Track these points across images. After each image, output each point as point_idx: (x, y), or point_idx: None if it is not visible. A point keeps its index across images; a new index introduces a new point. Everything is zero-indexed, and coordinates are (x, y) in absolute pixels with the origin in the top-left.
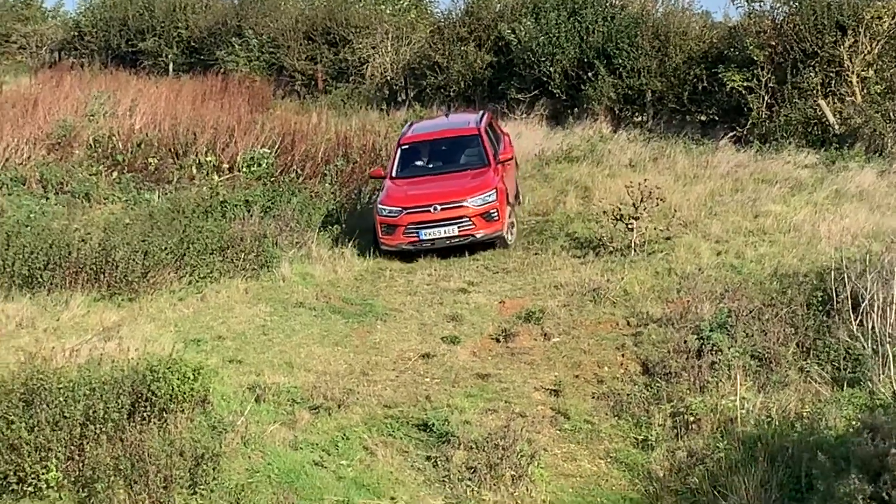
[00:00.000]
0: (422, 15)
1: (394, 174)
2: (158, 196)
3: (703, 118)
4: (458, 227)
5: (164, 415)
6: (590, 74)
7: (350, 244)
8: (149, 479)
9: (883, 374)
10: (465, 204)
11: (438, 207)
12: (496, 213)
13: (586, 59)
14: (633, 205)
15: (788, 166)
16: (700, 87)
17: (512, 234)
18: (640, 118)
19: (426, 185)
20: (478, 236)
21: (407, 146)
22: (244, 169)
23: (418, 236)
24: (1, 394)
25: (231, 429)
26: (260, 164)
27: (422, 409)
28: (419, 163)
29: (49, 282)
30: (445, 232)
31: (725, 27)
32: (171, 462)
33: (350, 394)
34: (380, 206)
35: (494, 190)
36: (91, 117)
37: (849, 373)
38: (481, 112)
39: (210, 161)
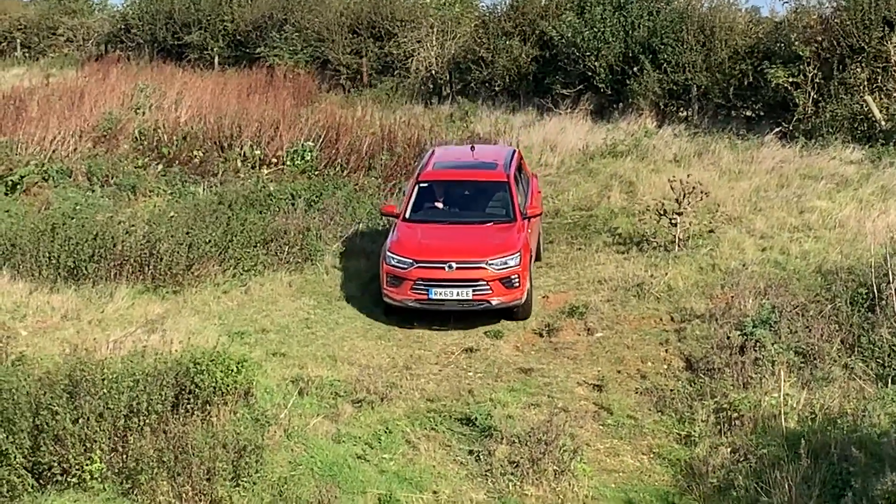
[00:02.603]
0: (467, 9)
1: (407, 215)
2: (203, 189)
3: (749, 113)
4: (474, 291)
5: (208, 407)
6: (635, 69)
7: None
8: (192, 471)
9: None
10: (484, 266)
11: (454, 265)
12: (517, 280)
13: (631, 54)
14: (677, 200)
15: (834, 162)
16: (745, 83)
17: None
18: (684, 113)
19: (442, 235)
20: (493, 303)
21: (426, 184)
22: (289, 162)
23: (427, 294)
24: (45, 385)
25: (274, 421)
26: (304, 158)
27: (465, 403)
28: (438, 205)
29: (94, 274)
30: (458, 294)
31: (771, 22)
32: (214, 454)
33: (393, 387)
34: (388, 253)
35: (518, 253)
36: (137, 110)
37: (894, 370)
38: (511, 150)
39: (255, 154)
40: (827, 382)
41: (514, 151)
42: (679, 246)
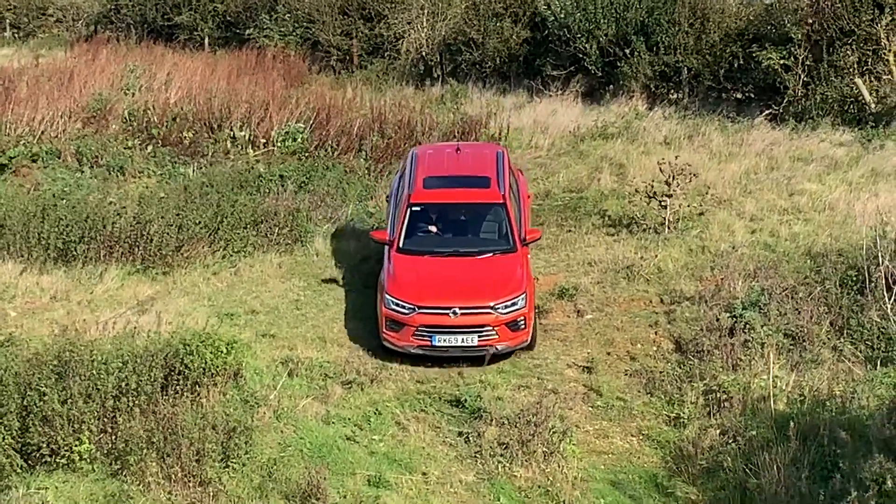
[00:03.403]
0: None
1: (401, 244)
2: (193, 170)
3: (739, 96)
4: (479, 337)
5: (197, 388)
6: (626, 51)
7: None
8: (181, 452)
9: None
10: (490, 311)
11: (458, 312)
12: (523, 323)
13: (623, 36)
14: (666, 182)
15: (824, 145)
16: (736, 65)
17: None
18: (675, 95)
19: (443, 272)
20: (499, 348)
21: (418, 207)
22: (279, 143)
23: (431, 341)
24: (34, 366)
25: (263, 403)
26: (294, 139)
27: (454, 385)
28: (432, 230)
29: (84, 255)
30: (463, 341)
31: (762, 5)
32: (203, 435)
33: (383, 369)
34: (387, 296)
35: (524, 294)
36: (126, 91)
37: (882, 352)
38: (499, 153)
39: (245, 135)
40: (816, 365)
41: (502, 154)
42: (669, 228)
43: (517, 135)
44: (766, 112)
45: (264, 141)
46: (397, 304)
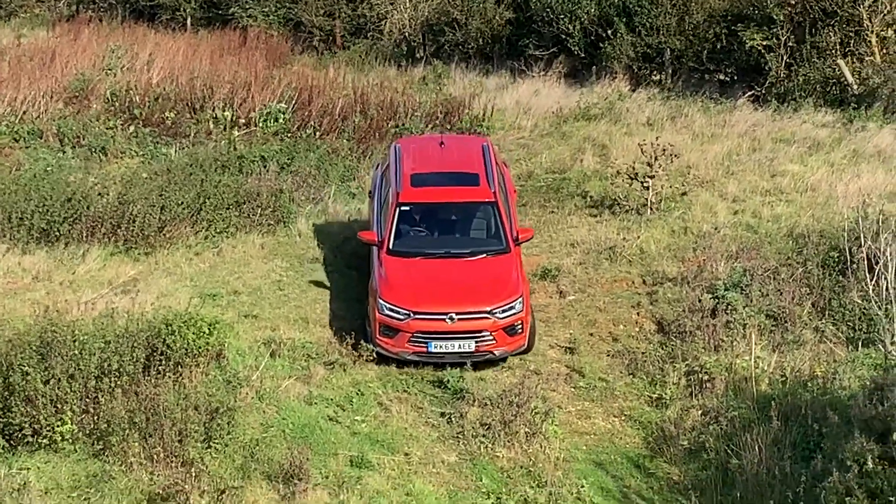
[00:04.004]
0: None
1: (391, 246)
2: (175, 150)
3: (722, 77)
4: (476, 343)
5: (179, 369)
6: (609, 32)
7: (367, 202)
8: (163, 432)
9: None
10: (487, 315)
11: (455, 317)
12: (520, 327)
13: (606, 17)
14: (648, 163)
15: (806, 126)
16: (719, 46)
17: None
18: (658, 77)
19: (437, 275)
20: (496, 353)
21: (407, 207)
22: (261, 124)
23: (427, 348)
24: (16, 346)
25: (246, 383)
26: (277, 120)
27: (437, 366)
28: (421, 230)
29: (66, 235)
30: (460, 347)
31: None
32: (185, 416)
33: (365, 349)
34: (381, 301)
35: (521, 297)
36: (108, 71)
37: (863, 333)
38: (485, 146)
39: (227, 116)
40: (798, 345)
41: (488, 148)
42: (651, 209)
43: (500, 116)
44: (749, 93)
45: (246, 121)
46: (392, 310)
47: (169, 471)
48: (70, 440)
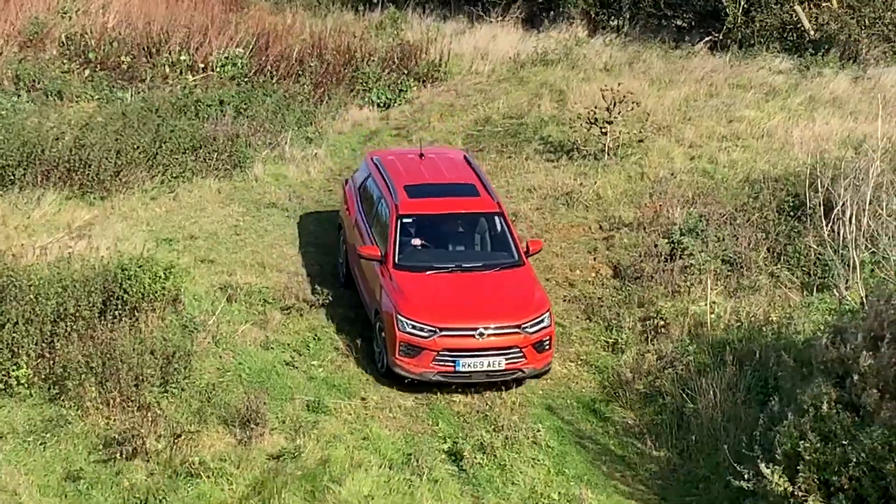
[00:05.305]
0: None
1: (397, 260)
2: (131, 95)
3: (680, 23)
4: (506, 360)
5: (136, 314)
6: None
7: (324, 146)
8: (120, 377)
9: (851, 279)
10: (518, 331)
11: (485, 333)
12: (548, 343)
13: None
14: (607, 109)
15: (763, 72)
16: None
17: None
18: (616, 22)
19: (457, 289)
20: (525, 371)
21: (409, 220)
22: (218, 69)
23: (454, 367)
24: None
25: (202, 328)
26: (234, 64)
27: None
28: (426, 243)
29: (20, 180)
30: (490, 364)
31: None
32: (142, 360)
33: (321, 295)
34: (401, 318)
35: (549, 311)
36: (64, 14)
37: (818, 278)
38: (466, 157)
39: (183, 60)
40: (753, 291)
41: (470, 159)
42: (608, 155)
43: (457, 61)
44: (707, 39)
45: (203, 66)
46: (415, 327)
47: (125, 415)
48: (26, 385)
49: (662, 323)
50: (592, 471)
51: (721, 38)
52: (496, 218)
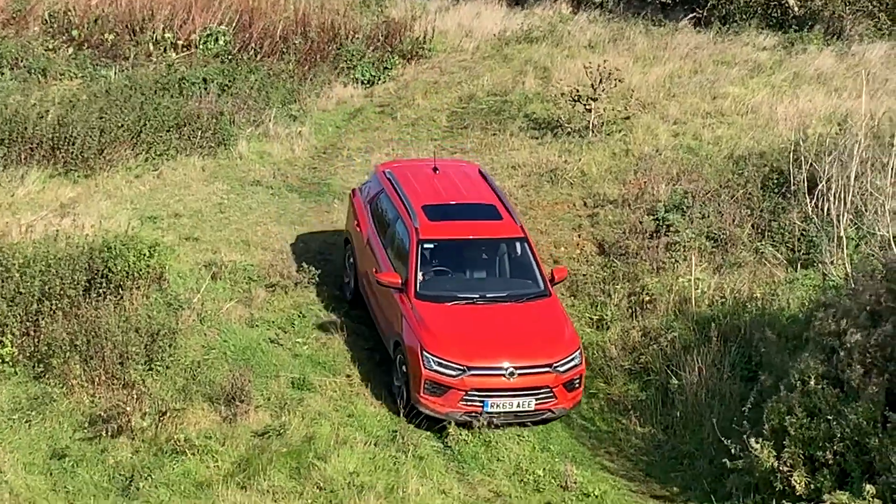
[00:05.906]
0: None
1: (418, 288)
2: (115, 73)
3: None
4: (537, 400)
5: (120, 291)
6: None
7: (308, 123)
8: (105, 354)
9: (836, 255)
10: (550, 370)
11: (516, 373)
12: (578, 381)
13: None
14: (592, 86)
15: (747, 48)
16: None
17: None
18: None
19: (484, 324)
20: (555, 412)
21: (430, 244)
22: (201, 46)
23: (483, 407)
24: None
25: (187, 306)
26: (217, 42)
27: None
28: (448, 270)
29: (4, 158)
30: (519, 405)
31: None
32: (126, 338)
33: (307, 273)
34: (427, 355)
35: (580, 349)
36: None
37: (803, 254)
38: (481, 172)
39: (167, 38)
40: (738, 267)
41: (486, 173)
42: (593, 132)
43: (441, 38)
44: (691, 15)
45: (187, 44)
46: (442, 365)
47: (110, 393)
48: (10, 363)
49: (648, 299)
50: (577, 447)
51: (705, 14)
52: (520, 244)
